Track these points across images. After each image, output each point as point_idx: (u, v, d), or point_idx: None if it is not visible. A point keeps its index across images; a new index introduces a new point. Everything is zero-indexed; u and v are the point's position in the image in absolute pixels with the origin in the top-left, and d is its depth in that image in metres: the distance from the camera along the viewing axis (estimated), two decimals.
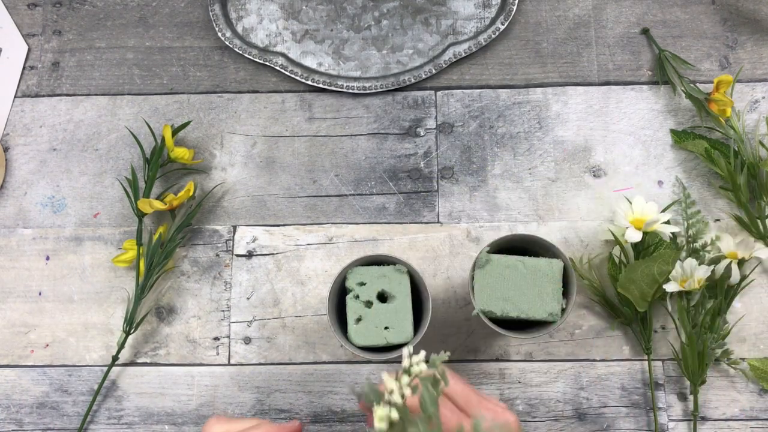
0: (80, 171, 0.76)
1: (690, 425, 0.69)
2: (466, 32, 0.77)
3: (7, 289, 0.73)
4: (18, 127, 0.77)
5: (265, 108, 0.76)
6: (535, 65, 0.77)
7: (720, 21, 0.77)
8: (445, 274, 0.72)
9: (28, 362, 0.72)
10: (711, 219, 0.72)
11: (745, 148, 0.71)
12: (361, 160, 0.75)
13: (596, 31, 0.77)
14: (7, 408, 0.71)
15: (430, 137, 0.75)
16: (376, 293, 0.61)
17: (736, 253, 0.68)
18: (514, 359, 0.71)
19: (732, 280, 0.67)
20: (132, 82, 0.78)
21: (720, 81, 0.70)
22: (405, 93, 0.77)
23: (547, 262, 0.61)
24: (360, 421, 0.70)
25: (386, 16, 0.78)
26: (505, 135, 0.75)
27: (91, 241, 0.74)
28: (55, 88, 0.77)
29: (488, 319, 0.61)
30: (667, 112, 0.75)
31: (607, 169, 0.74)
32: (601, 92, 0.76)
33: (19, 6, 0.79)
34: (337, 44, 0.78)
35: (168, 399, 0.71)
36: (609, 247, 0.72)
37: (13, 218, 0.75)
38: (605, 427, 0.69)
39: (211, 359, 0.71)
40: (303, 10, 0.79)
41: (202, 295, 0.73)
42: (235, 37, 0.77)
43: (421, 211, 0.74)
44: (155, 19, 0.79)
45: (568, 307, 0.61)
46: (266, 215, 0.74)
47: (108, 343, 0.72)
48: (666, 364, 0.70)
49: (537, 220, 0.73)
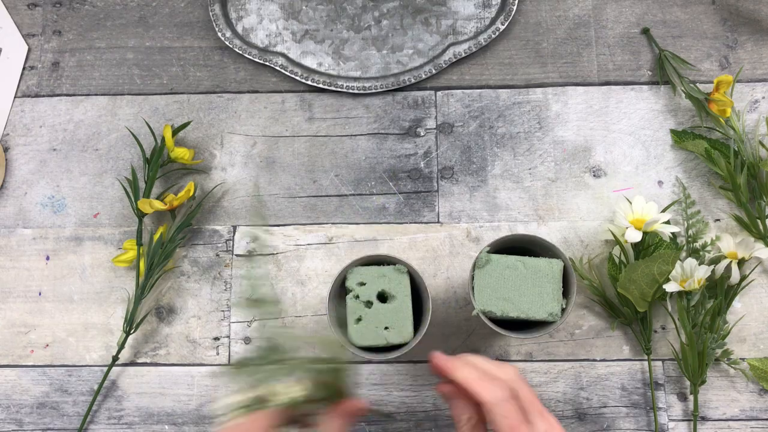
0: (80, 171, 0.76)
1: (690, 425, 0.69)
2: (466, 32, 0.77)
3: (7, 289, 0.73)
4: (18, 127, 0.77)
5: (265, 108, 0.76)
6: (535, 65, 0.77)
7: (720, 21, 0.77)
8: (445, 274, 0.72)
9: (28, 362, 0.72)
10: (711, 219, 0.72)
11: (745, 148, 0.71)
12: (361, 160, 0.75)
13: (596, 31, 0.77)
14: (7, 408, 0.71)
15: (430, 137, 0.75)
16: (376, 293, 0.61)
17: (736, 253, 0.68)
18: (514, 359, 0.71)
19: (732, 280, 0.67)
20: (132, 82, 0.78)
21: (720, 81, 0.70)
22: (405, 93, 0.77)
23: (547, 262, 0.61)
24: (359, 420, 0.70)
25: (386, 16, 0.78)
26: (505, 135, 0.75)
27: (91, 241, 0.74)
28: (55, 88, 0.77)
29: (488, 319, 0.61)
30: (667, 112, 0.75)
31: (607, 169, 0.74)
32: (601, 92, 0.76)
33: (19, 6, 0.79)
34: (337, 44, 0.78)
35: (168, 399, 0.71)
36: (609, 247, 0.72)
37: (13, 218, 0.75)
38: (605, 427, 0.69)
39: (211, 359, 0.71)
40: (303, 10, 0.79)
41: (202, 295, 0.73)
42: (235, 37, 0.77)
43: (421, 211, 0.74)
44: (155, 19, 0.79)
45: (568, 307, 0.61)
46: (266, 215, 0.74)
47: (108, 343, 0.72)
48: (666, 364, 0.70)
49: (537, 220, 0.73)
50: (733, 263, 0.67)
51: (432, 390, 0.70)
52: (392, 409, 0.70)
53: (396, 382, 0.71)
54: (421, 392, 0.70)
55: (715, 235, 0.71)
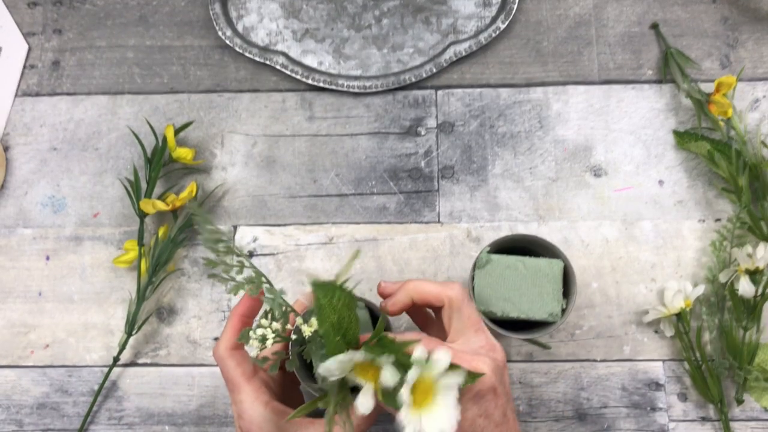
0: (80, 170, 0.75)
1: (690, 425, 0.69)
2: (466, 31, 0.77)
3: (7, 289, 0.73)
4: (18, 127, 0.77)
5: (265, 107, 0.76)
6: (535, 64, 0.77)
7: (721, 20, 0.77)
8: (445, 274, 0.72)
9: (28, 363, 0.72)
10: (713, 219, 0.72)
11: (746, 148, 0.71)
12: (362, 160, 0.75)
13: (597, 29, 0.77)
14: (7, 408, 0.71)
15: (430, 136, 0.75)
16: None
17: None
18: (515, 359, 0.71)
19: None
20: (132, 81, 0.77)
21: (720, 82, 0.70)
22: (405, 92, 0.76)
23: (547, 262, 0.61)
24: None
25: (387, 14, 0.78)
26: (506, 134, 0.75)
27: (91, 241, 0.74)
28: (55, 87, 0.77)
29: (488, 320, 0.61)
30: (668, 111, 0.75)
31: (608, 169, 0.74)
32: (602, 91, 0.76)
33: (19, 5, 0.79)
34: (338, 43, 0.77)
35: (168, 399, 0.71)
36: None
37: (13, 218, 0.75)
38: (605, 428, 0.69)
39: (211, 360, 0.71)
40: (303, 9, 0.78)
41: (202, 296, 0.73)
42: (236, 36, 0.77)
43: (422, 211, 0.74)
44: (155, 18, 0.79)
45: (568, 308, 0.61)
46: (267, 215, 0.74)
47: (108, 343, 0.72)
48: (666, 364, 0.70)
49: (537, 220, 0.73)
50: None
51: None
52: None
53: None
54: None
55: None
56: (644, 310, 0.70)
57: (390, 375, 0.41)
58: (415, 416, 0.41)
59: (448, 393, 0.42)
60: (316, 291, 0.45)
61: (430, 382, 0.42)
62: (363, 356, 0.42)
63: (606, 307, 0.71)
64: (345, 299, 0.45)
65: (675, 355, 0.70)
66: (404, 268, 0.72)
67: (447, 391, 0.42)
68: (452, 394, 0.42)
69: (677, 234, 0.72)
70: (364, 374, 0.43)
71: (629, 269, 0.72)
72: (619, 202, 0.73)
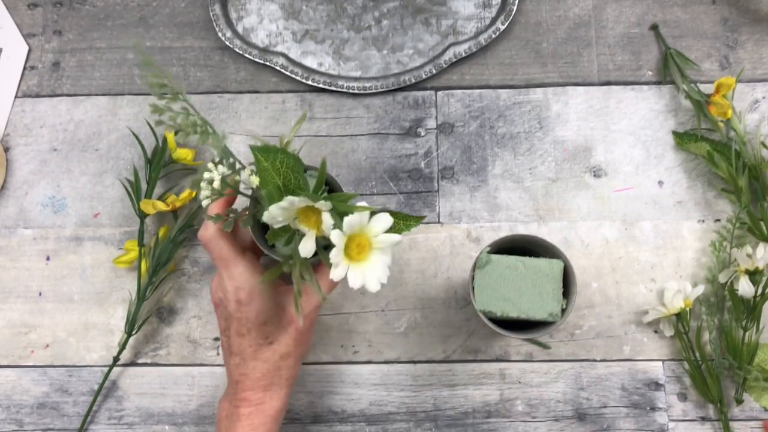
0: (81, 171, 0.76)
1: (690, 425, 0.69)
2: (466, 32, 0.77)
3: (8, 289, 0.73)
4: (19, 128, 0.77)
5: (265, 108, 0.76)
6: (535, 65, 0.77)
7: (720, 21, 0.77)
8: (445, 274, 0.72)
9: (29, 362, 0.72)
10: (712, 220, 0.72)
11: (746, 149, 0.71)
12: (362, 160, 0.75)
13: (596, 31, 0.77)
14: (8, 408, 0.71)
15: (430, 137, 0.75)
16: None
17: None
18: (515, 359, 0.71)
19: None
20: (132, 82, 0.78)
21: (720, 84, 0.70)
22: (405, 93, 0.77)
23: (547, 262, 0.61)
24: (359, 421, 0.70)
25: (386, 16, 0.78)
26: (506, 135, 0.75)
27: (91, 242, 0.74)
28: (55, 88, 0.77)
29: (488, 320, 0.61)
30: (667, 112, 0.75)
31: (608, 169, 0.74)
32: (602, 92, 0.76)
33: (19, 6, 0.79)
34: (338, 44, 0.78)
35: (168, 399, 0.71)
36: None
37: (13, 218, 0.75)
38: (605, 428, 0.69)
39: (211, 359, 0.71)
40: (303, 10, 0.79)
41: (202, 296, 0.73)
42: (236, 37, 0.77)
43: (422, 212, 0.74)
44: (155, 20, 0.79)
45: (568, 308, 0.61)
46: None
47: (108, 343, 0.72)
48: (666, 364, 0.70)
49: (537, 220, 0.73)
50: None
51: (432, 390, 0.70)
52: (392, 410, 0.70)
53: (396, 382, 0.71)
54: (421, 392, 0.70)
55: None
56: (644, 310, 0.70)
57: (329, 220, 0.46)
58: (351, 265, 0.47)
59: (384, 251, 0.48)
60: (256, 154, 0.48)
61: (367, 240, 0.48)
62: (303, 201, 0.46)
63: (606, 307, 0.71)
64: (289, 162, 0.49)
65: (675, 355, 0.70)
66: (404, 269, 0.72)
67: (384, 249, 0.48)
68: (389, 252, 0.48)
69: (677, 234, 0.72)
70: (307, 221, 0.48)
71: (629, 269, 0.72)
72: (619, 203, 0.73)
